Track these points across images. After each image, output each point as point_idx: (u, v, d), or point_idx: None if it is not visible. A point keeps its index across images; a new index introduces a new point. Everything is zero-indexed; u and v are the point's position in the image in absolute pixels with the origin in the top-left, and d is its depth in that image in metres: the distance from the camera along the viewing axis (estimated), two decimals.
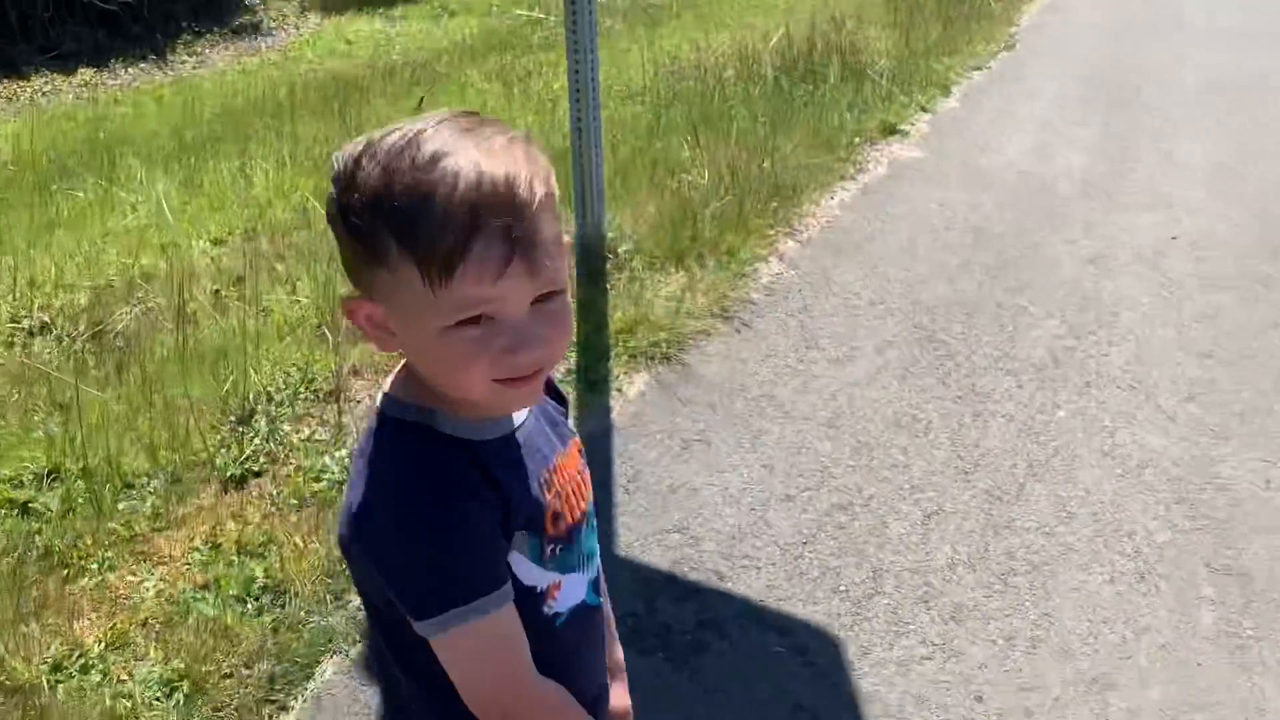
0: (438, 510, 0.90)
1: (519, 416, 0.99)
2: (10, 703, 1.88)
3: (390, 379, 0.98)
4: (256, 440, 2.64)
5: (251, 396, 2.81)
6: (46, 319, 3.43)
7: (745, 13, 8.48)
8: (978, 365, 3.17)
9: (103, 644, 2.03)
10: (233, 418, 2.74)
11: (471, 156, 0.85)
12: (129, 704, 1.87)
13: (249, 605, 2.13)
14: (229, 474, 2.53)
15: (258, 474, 2.54)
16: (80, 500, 2.44)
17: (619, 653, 1.21)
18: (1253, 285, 3.68)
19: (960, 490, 2.59)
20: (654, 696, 1.94)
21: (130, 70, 8.95)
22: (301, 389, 2.88)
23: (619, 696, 1.19)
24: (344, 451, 2.59)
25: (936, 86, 6.13)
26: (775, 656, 2.08)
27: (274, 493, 2.47)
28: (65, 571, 2.23)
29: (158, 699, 1.90)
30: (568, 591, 1.01)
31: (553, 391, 1.09)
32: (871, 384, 3.07)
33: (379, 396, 0.98)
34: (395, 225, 0.84)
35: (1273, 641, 2.12)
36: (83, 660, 1.99)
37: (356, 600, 2.10)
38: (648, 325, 3.25)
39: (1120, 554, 2.37)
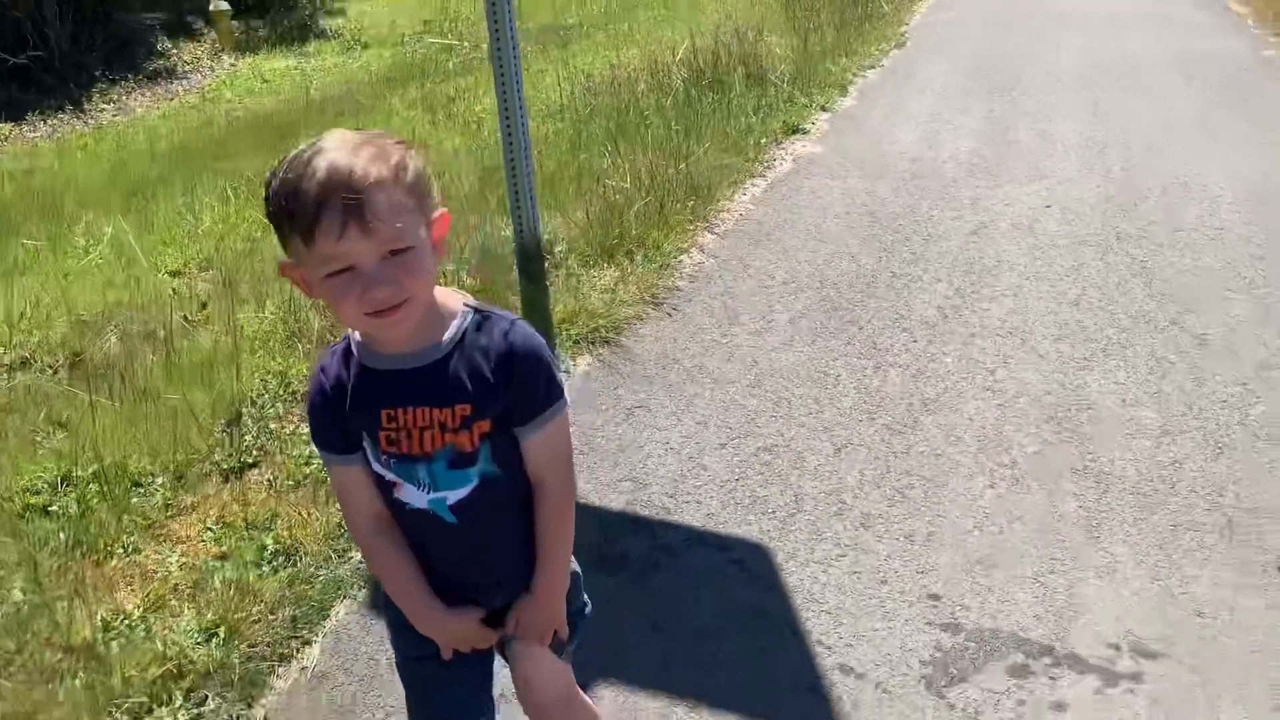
0: (310, 393, 1.46)
1: (401, 365, 1.38)
2: (73, 658, 2.24)
3: None
4: (248, 437, 3.02)
5: (237, 401, 3.19)
6: (26, 355, 3.75)
7: (653, 29, 8.99)
8: (877, 327, 3.67)
9: (142, 608, 2.39)
10: (223, 421, 3.11)
11: (329, 157, 1.24)
12: (177, 648, 2.24)
13: (264, 568, 2.51)
14: (227, 466, 2.90)
15: (253, 465, 2.92)
16: (95, 500, 2.79)
17: (539, 581, 1.53)
18: (1112, 241, 4.26)
19: (865, 427, 3.07)
20: (620, 608, 2.38)
21: (49, 122, 9.14)
22: (280, 391, 3.26)
23: (519, 613, 1.55)
24: None
25: (834, 87, 6.70)
26: (718, 568, 2.53)
27: (271, 478, 2.85)
28: (95, 556, 2.59)
29: (200, 643, 2.27)
30: (409, 494, 1.44)
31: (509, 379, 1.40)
32: (787, 349, 3.55)
33: None
34: (282, 210, 1.25)
35: (1122, 519, 2.62)
36: (128, 621, 2.35)
37: (358, 555, 2.50)
38: (586, 314, 3.69)
39: (999, 465, 2.86)
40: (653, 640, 2.30)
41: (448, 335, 1.39)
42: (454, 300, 1.42)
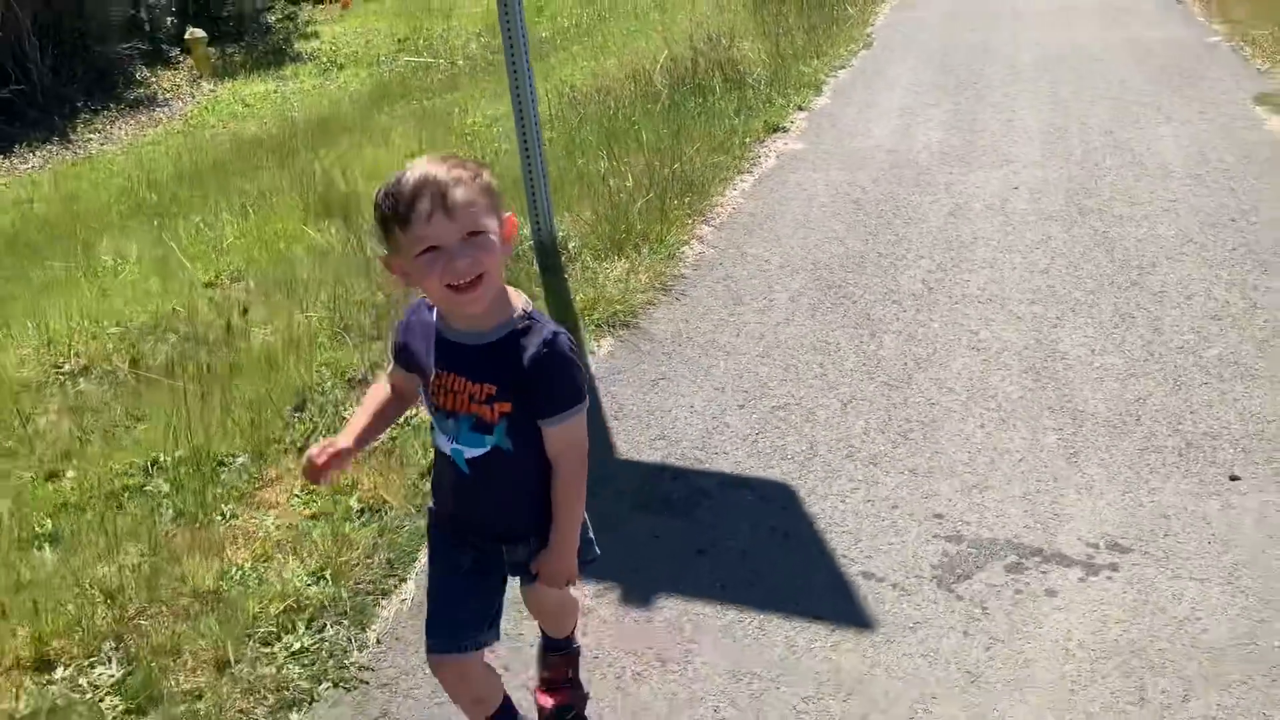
0: (404, 318, 1.88)
1: (461, 339, 1.76)
2: (199, 602, 2.63)
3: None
4: (315, 419, 3.41)
5: (300, 391, 3.58)
6: (85, 362, 4.12)
7: (627, 40, 9.46)
8: (869, 300, 4.12)
9: (252, 560, 2.78)
10: (289, 407, 3.50)
11: (421, 169, 1.64)
12: (292, 588, 2.63)
13: (354, 523, 2.90)
14: (301, 445, 3.29)
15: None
16: (185, 479, 3.18)
17: (554, 537, 1.86)
18: (1075, 215, 4.75)
19: (866, 385, 3.51)
20: (668, 539, 2.80)
21: (38, 153, 9.46)
22: (337, 380, 3.65)
23: (541, 560, 1.89)
24: None
25: (808, 87, 7.18)
26: (750, 504, 2.95)
27: None
28: (196, 524, 2.97)
29: (310, 584, 2.66)
30: (438, 438, 1.84)
31: (529, 372, 1.74)
32: (790, 323, 3.99)
33: None
34: (386, 209, 1.65)
35: (1096, 447, 3.07)
36: (241, 572, 2.74)
37: None
38: (605, 301, 4.12)
39: (986, 409, 3.31)
40: (700, 562, 2.72)
41: (502, 326, 1.74)
42: (518, 301, 1.78)
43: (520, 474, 1.82)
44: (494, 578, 1.95)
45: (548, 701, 2.25)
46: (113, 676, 2.43)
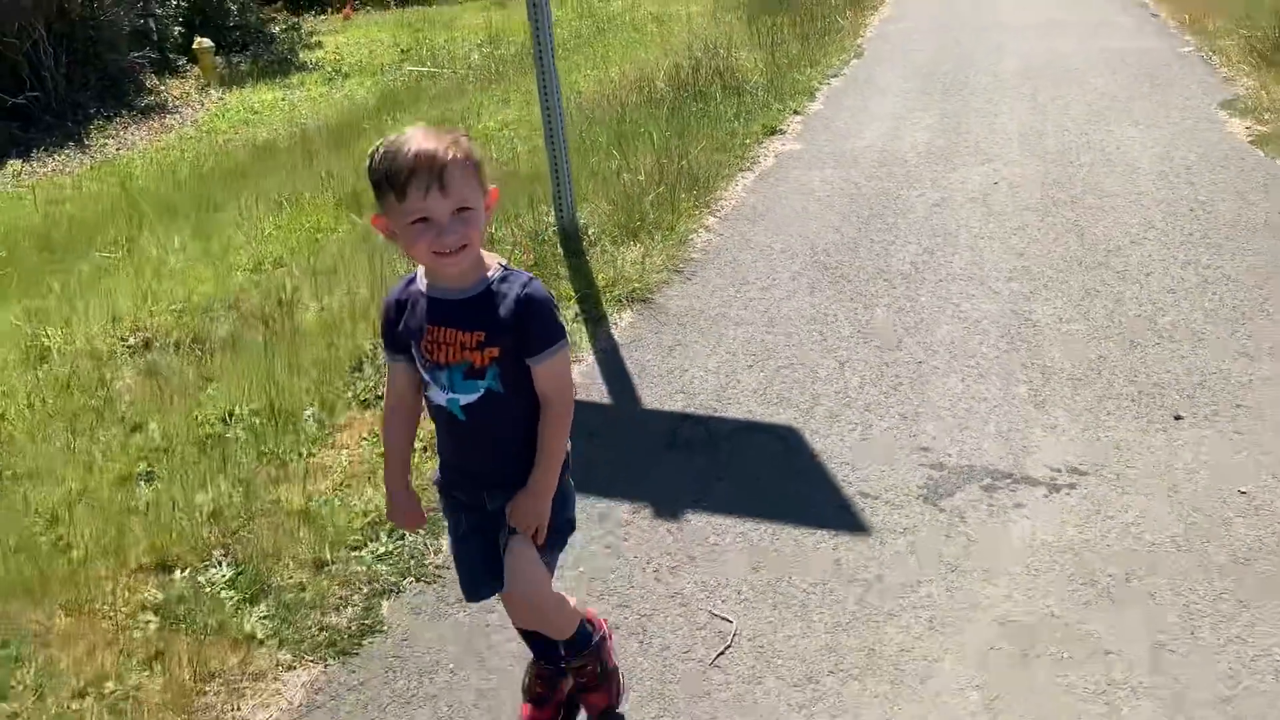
0: (383, 306, 2.08)
1: (446, 296, 1.94)
2: (291, 519, 3.12)
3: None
4: (373, 377, 3.91)
5: (354, 356, 4.08)
6: (148, 336, 4.60)
7: (628, 49, 10.03)
8: (862, 278, 4.65)
9: (332, 489, 3.28)
10: (348, 368, 4.00)
11: (418, 140, 1.81)
12: (371, 507, 3.13)
13: (420, 455, 3.40)
14: (363, 400, 3.79)
15: (380, 397, 3.81)
16: (262, 427, 3.67)
17: (534, 477, 2.02)
18: (1050, 207, 5.30)
19: (860, 348, 4.03)
20: (692, 471, 3.31)
21: (55, 158, 9.93)
22: None
23: (514, 501, 2.04)
24: None
25: (803, 93, 7.74)
26: (762, 443, 3.46)
27: None
28: (277, 462, 3.46)
29: None
30: (434, 393, 2.00)
31: (521, 322, 1.93)
32: (791, 299, 4.51)
33: None
34: (382, 174, 1.83)
35: (1061, 395, 3.59)
36: (325, 497, 3.23)
37: None
38: (623, 280, 4.64)
39: (966, 367, 3.84)
40: (720, 486, 3.23)
41: (481, 281, 1.95)
42: (492, 259, 1.99)
43: (513, 416, 2.00)
44: (485, 538, 2.13)
45: (593, 707, 2.39)
46: (225, 576, 2.92)
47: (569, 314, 4.38)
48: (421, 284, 2.00)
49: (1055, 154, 6.12)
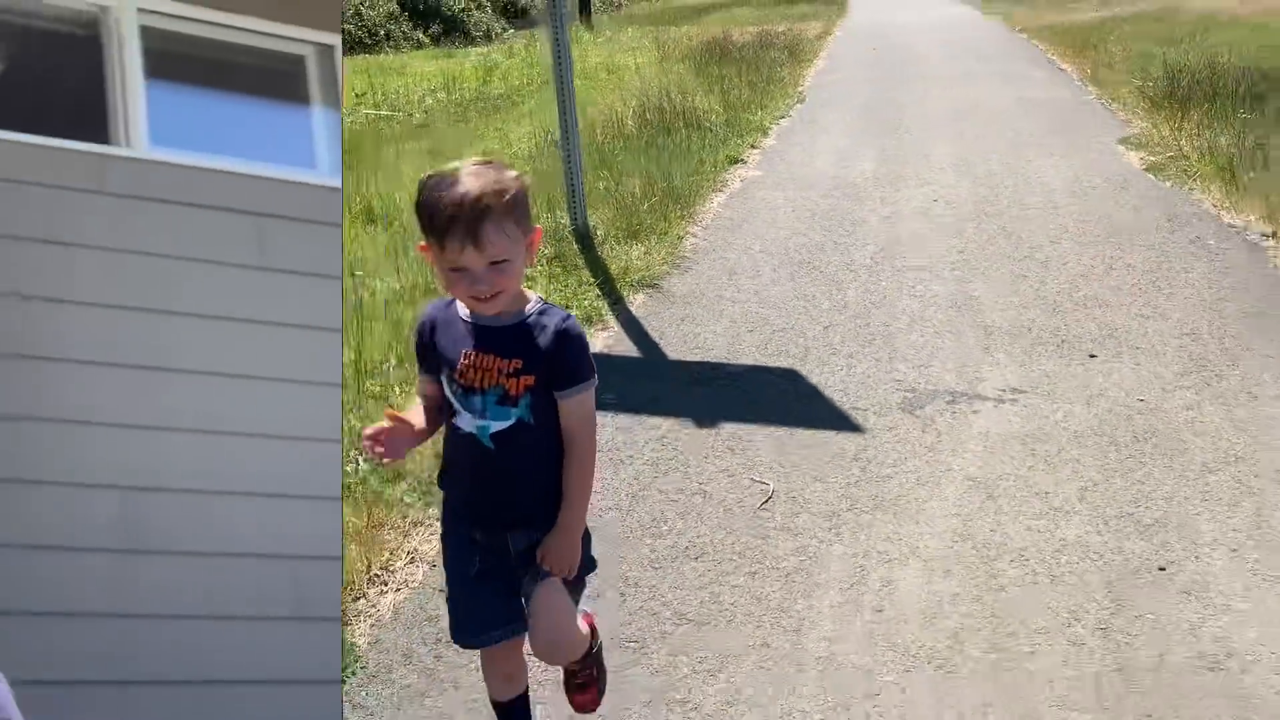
0: (419, 325, 2.13)
1: (485, 322, 1.99)
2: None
3: None
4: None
5: None
6: None
7: (587, 94, 11.14)
8: (832, 269, 5.75)
9: None
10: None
11: (459, 188, 1.85)
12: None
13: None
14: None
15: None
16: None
17: (564, 516, 2.06)
18: (982, 217, 6.51)
19: (838, 317, 5.11)
20: (714, 401, 4.31)
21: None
22: None
23: (545, 543, 2.07)
24: None
25: (757, 130, 8.97)
26: (767, 381, 4.48)
27: None
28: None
29: None
30: (462, 419, 2.02)
31: (558, 356, 1.98)
32: (775, 285, 5.58)
33: None
34: (426, 216, 1.89)
35: (1001, 344, 4.69)
36: None
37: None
38: (632, 270, 5.67)
39: (925, 328, 4.93)
40: (741, 409, 4.23)
41: (520, 314, 2.01)
42: (532, 296, 2.05)
43: (540, 449, 2.03)
44: (503, 580, 2.13)
45: (580, 707, 2.43)
46: None
47: (591, 294, 5.38)
48: (462, 310, 2.05)
49: (984, 178, 7.37)
